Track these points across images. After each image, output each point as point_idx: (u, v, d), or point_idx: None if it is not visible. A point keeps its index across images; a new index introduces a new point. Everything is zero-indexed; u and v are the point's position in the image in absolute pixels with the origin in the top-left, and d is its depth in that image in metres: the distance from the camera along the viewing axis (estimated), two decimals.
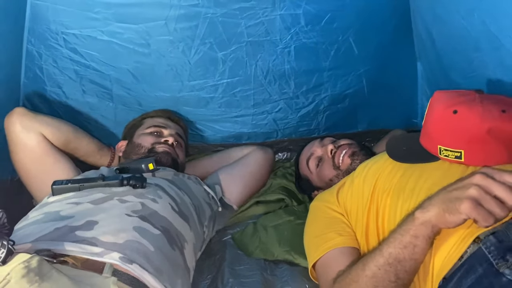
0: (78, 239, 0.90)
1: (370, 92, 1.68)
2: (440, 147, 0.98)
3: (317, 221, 1.19)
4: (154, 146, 1.41)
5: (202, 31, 1.40)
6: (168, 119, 1.54)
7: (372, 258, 0.90)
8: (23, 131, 1.29)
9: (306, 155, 1.52)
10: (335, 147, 1.43)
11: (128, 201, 1.04)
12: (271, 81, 1.56)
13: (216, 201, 1.41)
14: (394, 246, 0.86)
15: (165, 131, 1.47)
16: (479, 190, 0.77)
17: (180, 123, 1.57)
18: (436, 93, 1.04)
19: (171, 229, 1.06)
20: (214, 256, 1.33)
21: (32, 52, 1.44)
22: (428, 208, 0.83)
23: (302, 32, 1.44)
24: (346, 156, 1.38)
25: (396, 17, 1.51)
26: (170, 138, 1.44)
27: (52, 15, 1.36)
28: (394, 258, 0.86)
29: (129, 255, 0.90)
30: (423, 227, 0.83)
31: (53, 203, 1.05)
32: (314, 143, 1.52)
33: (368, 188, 1.10)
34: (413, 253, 0.84)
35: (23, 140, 1.29)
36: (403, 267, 0.86)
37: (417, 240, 0.84)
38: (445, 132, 0.98)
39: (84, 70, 1.48)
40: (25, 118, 1.30)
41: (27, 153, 1.30)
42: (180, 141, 1.49)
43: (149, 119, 1.52)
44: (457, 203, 0.77)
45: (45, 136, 1.31)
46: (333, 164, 1.40)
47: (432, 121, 1.02)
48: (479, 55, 1.17)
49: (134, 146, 1.43)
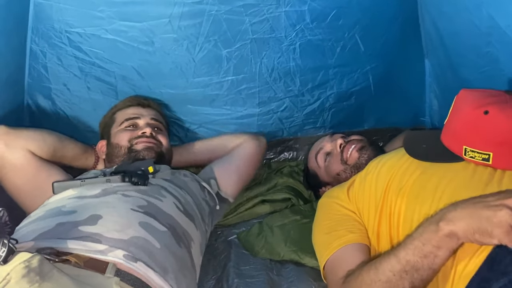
0: (82, 235, 0.88)
1: (377, 90, 1.65)
2: (465, 148, 0.96)
3: (327, 218, 1.17)
4: (132, 144, 1.34)
5: (207, 28, 1.38)
6: (139, 106, 1.46)
7: (387, 263, 0.87)
8: (9, 151, 1.22)
9: (315, 149, 1.51)
10: (345, 142, 1.42)
11: (132, 196, 1.03)
12: (276, 79, 1.54)
13: (213, 196, 1.37)
14: (413, 254, 0.84)
15: (139, 121, 1.40)
16: (511, 214, 0.74)
17: (152, 105, 1.49)
18: (463, 91, 1.01)
19: (177, 227, 1.04)
20: (219, 256, 1.32)
21: (36, 51, 1.43)
22: (454, 222, 0.80)
23: (307, 29, 1.42)
24: (355, 151, 1.37)
25: (403, 14, 1.49)
26: (147, 129, 1.36)
27: (56, 14, 1.35)
28: (411, 266, 0.84)
29: (134, 252, 0.89)
30: (447, 239, 0.81)
31: (54, 201, 1.03)
32: (324, 138, 1.52)
33: (381, 185, 1.07)
34: (433, 263, 0.82)
35: (10, 161, 1.23)
36: (420, 275, 0.83)
37: (439, 251, 0.81)
38: (473, 133, 0.95)
39: (89, 68, 1.47)
40: (8, 137, 1.23)
41: (17, 172, 1.24)
42: (158, 125, 1.43)
43: (120, 113, 1.45)
44: (489, 226, 0.75)
45: (32, 151, 1.26)
46: (341, 159, 1.39)
47: (459, 120, 0.99)
48: (490, 50, 1.15)
49: (113, 147, 1.37)
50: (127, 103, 1.48)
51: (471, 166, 0.96)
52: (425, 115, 1.78)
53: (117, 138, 1.38)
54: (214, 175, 1.46)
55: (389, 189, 1.05)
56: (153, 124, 1.42)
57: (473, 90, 1.03)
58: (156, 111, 1.50)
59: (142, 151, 1.33)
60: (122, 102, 1.49)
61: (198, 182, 1.36)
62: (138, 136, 1.35)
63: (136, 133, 1.37)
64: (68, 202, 0.99)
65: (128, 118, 1.41)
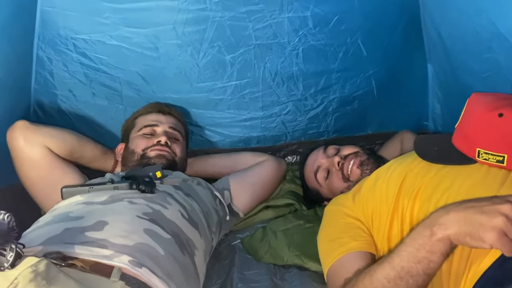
0: (88, 240, 0.90)
1: (380, 94, 1.66)
2: (479, 150, 0.95)
3: (332, 225, 1.17)
4: (145, 152, 1.37)
5: (210, 34, 1.40)
6: (159, 113, 1.48)
7: (381, 271, 0.87)
8: (27, 146, 1.26)
9: (312, 167, 1.49)
10: (342, 159, 1.41)
11: (138, 203, 1.04)
12: (279, 83, 1.56)
13: (224, 207, 1.39)
14: (407, 260, 0.83)
15: (157, 129, 1.43)
16: (506, 222, 0.74)
17: (173, 113, 1.51)
18: (474, 94, 1.02)
19: (181, 235, 1.05)
20: (223, 261, 1.33)
21: (42, 58, 1.45)
22: (447, 226, 0.80)
23: (310, 34, 1.44)
24: (355, 167, 1.37)
25: (405, 19, 1.50)
26: (163, 138, 1.38)
27: (61, 21, 1.37)
28: (406, 272, 0.83)
29: (139, 258, 0.90)
30: (441, 244, 0.80)
31: (62, 206, 1.05)
32: (318, 154, 1.49)
33: (393, 189, 1.07)
34: (427, 268, 0.82)
35: (28, 155, 1.26)
36: (415, 281, 0.83)
37: (433, 256, 0.81)
38: (487, 135, 0.95)
39: (94, 73, 1.49)
40: (28, 132, 1.26)
41: (33, 167, 1.28)
42: (175, 134, 1.45)
43: (141, 118, 1.48)
44: (481, 231, 0.75)
45: (50, 148, 1.29)
46: (342, 177, 1.39)
47: (472, 123, 0.98)
48: (492, 56, 1.16)
49: (129, 152, 1.40)
50: (148, 109, 1.50)
51: (484, 168, 0.96)
52: (428, 119, 1.79)
53: (134, 143, 1.41)
54: (229, 187, 1.47)
55: (401, 193, 1.05)
56: (170, 132, 1.44)
57: (485, 93, 1.03)
58: (177, 119, 1.51)
59: (154, 158, 1.35)
60: (144, 108, 1.51)
61: (210, 190, 1.37)
62: (153, 144, 1.38)
63: (151, 141, 1.39)
64: (76, 208, 1.01)
65: (147, 125, 1.43)
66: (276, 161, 1.63)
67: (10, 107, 1.40)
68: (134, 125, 1.47)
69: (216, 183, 1.48)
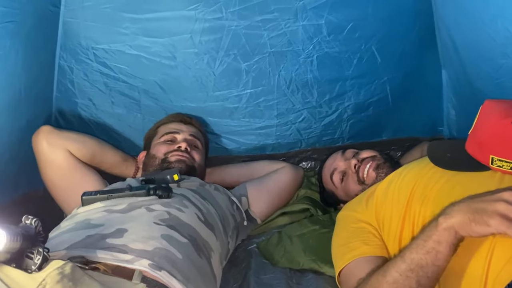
0: (109, 246, 0.93)
1: (395, 100, 1.67)
2: (492, 157, 0.96)
3: (344, 230, 1.19)
4: (166, 156, 1.41)
5: (226, 43, 1.43)
6: (180, 123, 1.53)
7: (393, 264, 0.90)
8: (49, 149, 1.34)
9: (329, 169, 1.51)
10: (359, 161, 1.42)
11: (156, 210, 1.07)
12: (294, 91, 1.58)
13: (241, 212, 1.41)
14: (416, 251, 0.86)
15: (178, 136, 1.47)
16: (507, 206, 0.78)
17: (194, 123, 1.56)
18: (487, 102, 1.02)
19: (197, 238, 1.07)
20: (240, 265, 1.35)
21: (64, 67, 1.50)
22: (452, 215, 0.84)
23: (324, 42, 1.45)
24: (371, 170, 1.38)
25: (419, 25, 1.51)
26: (183, 144, 1.43)
27: (83, 31, 1.42)
28: (416, 264, 0.86)
29: (158, 262, 0.92)
30: (446, 233, 0.84)
31: (83, 213, 1.08)
32: (336, 156, 1.51)
33: (404, 195, 1.08)
34: (436, 259, 0.85)
35: (50, 157, 1.34)
36: (425, 273, 0.86)
37: (440, 246, 0.84)
38: (501, 142, 0.95)
39: (113, 83, 1.53)
40: (51, 136, 1.34)
41: (55, 169, 1.35)
42: (194, 142, 1.49)
43: (162, 127, 1.53)
44: (485, 216, 0.79)
45: (71, 152, 1.36)
46: (357, 179, 1.40)
47: (485, 130, 0.99)
48: (506, 62, 1.16)
49: (150, 157, 1.44)
50: (170, 118, 1.56)
51: (497, 175, 0.97)
52: (443, 125, 1.78)
53: (155, 149, 1.45)
54: (246, 193, 1.50)
55: (413, 198, 1.06)
56: (191, 140, 1.48)
57: (498, 100, 1.03)
58: (197, 129, 1.56)
59: (174, 163, 1.39)
60: (166, 118, 1.56)
61: (228, 196, 1.40)
62: (174, 150, 1.42)
63: (172, 147, 1.43)
64: (96, 216, 1.04)
65: (168, 132, 1.48)
66: (293, 168, 1.65)
67: (34, 114, 1.44)
68: (156, 133, 1.52)
69: (234, 190, 1.51)
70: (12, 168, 1.36)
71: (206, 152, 1.58)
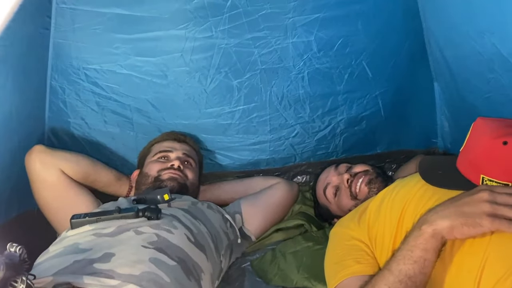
0: (96, 271, 0.92)
1: (387, 114, 1.67)
2: (483, 177, 0.95)
3: (337, 248, 1.18)
4: (159, 174, 1.41)
5: (217, 60, 1.44)
6: (174, 141, 1.53)
7: (381, 278, 0.90)
8: (42, 168, 1.34)
9: (322, 184, 1.50)
10: (351, 176, 1.42)
11: (144, 233, 1.07)
12: (286, 106, 1.58)
13: (235, 230, 1.40)
14: (403, 262, 0.87)
15: (171, 154, 1.47)
16: (491, 205, 0.83)
17: (188, 141, 1.56)
18: (479, 119, 1.01)
19: (187, 260, 1.07)
20: (233, 284, 1.34)
21: (56, 87, 1.50)
22: (437, 222, 0.86)
23: (315, 58, 1.46)
24: (363, 185, 1.37)
25: (409, 39, 1.52)
26: (176, 162, 1.43)
27: (74, 52, 1.43)
28: (404, 275, 0.87)
29: (145, 286, 0.92)
30: (433, 240, 0.86)
31: (72, 237, 1.08)
32: (329, 171, 1.51)
33: (396, 212, 1.08)
34: (423, 267, 0.86)
35: (43, 177, 1.34)
36: (413, 282, 0.87)
37: (427, 254, 0.86)
38: (491, 163, 0.95)
39: (105, 102, 1.53)
40: (44, 155, 1.35)
41: (48, 189, 1.35)
42: (188, 160, 1.49)
43: (156, 145, 1.53)
44: (476, 218, 0.83)
45: (64, 171, 1.36)
46: (350, 194, 1.40)
47: (476, 149, 0.98)
48: (494, 76, 1.16)
49: (143, 176, 1.44)
50: (164, 136, 1.56)
51: None
52: (437, 137, 1.78)
53: (148, 167, 1.45)
54: (240, 210, 1.49)
55: (405, 215, 1.05)
56: (184, 158, 1.48)
57: (490, 119, 1.02)
58: (191, 147, 1.56)
59: (166, 181, 1.39)
60: (160, 136, 1.57)
61: (221, 214, 1.40)
62: (167, 167, 1.42)
63: (165, 165, 1.43)
64: (85, 240, 1.04)
65: (162, 150, 1.48)
66: (288, 184, 1.64)
67: (27, 134, 1.45)
68: (150, 152, 1.52)
69: (228, 207, 1.51)
70: (4, 189, 1.37)
71: (200, 170, 1.58)
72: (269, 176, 1.70)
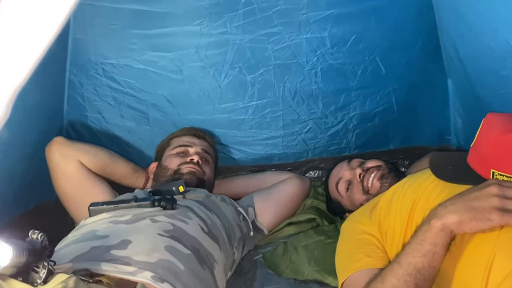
0: (113, 258, 0.95)
1: (401, 110, 1.67)
2: (493, 171, 0.95)
3: (348, 241, 1.19)
4: (179, 168, 1.44)
5: (231, 56, 1.46)
6: (194, 137, 1.56)
7: (390, 270, 0.92)
8: (62, 159, 1.39)
9: (335, 179, 1.51)
10: (364, 171, 1.42)
11: (160, 221, 1.09)
12: (299, 102, 1.60)
13: (248, 223, 1.43)
14: (412, 255, 0.89)
15: (190, 149, 1.50)
16: (500, 199, 0.84)
17: (207, 138, 1.59)
18: (490, 115, 1.02)
19: (201, 249, 1.09)
20: (245, 275, 1.36)
21: (74, 82, 1.54)
22: (446, 216, 0.87)
23: (328, 54, 1.47)
24: (375, 180, 1.37)
25: (423, 36, 1.52)
26: (195, 157, 1.46)
27: (92, 48, 1.47)
28: (413, 268, 0.88)
29: (161, 274, 0.94)
30: (442, 234, 0.87)
31: (89, 224, 1.11)
32: (342, 165, 1.51)
33: (406, 207, 1.08)
34: (432, 261, 0.88)
35: (62, 168, 1.39)
36: (422, 275, 0.88)
37: (437, 248, 0.87)
38: (502, 157, 0.95)
39: (122, 97, 1.57)
40: (64, 147, 1.39)
41: (67, 179, 1.40)
42: (206, 156, 1.52)
43: (176, 139, 1.55)
44: (485, 212, 0.84)
45: (83, 163, 1.40)
46: (362, 189, 1.40)
47: (487, 144, 0.98)
48: (508, 73, 1.16)
49: (162, 168, 1.47)
50: (184, 131, 1.59)
51: None
52: (450, 134, 1.77)
53: (167, 161, 1.48)
54: (253, 203, 1.52)
55: (415, 210, 1.06)
56: (202, 154, 1.51)
57: (500, 114, 1.02)
58: (209, 144, 1.59)
59: (186, 175, 1.42)
60: (180, 131, 1.60)
61: (234, 207, 1.42)
62: (187, 162, 1.45)
63: (185, 159, 1.46)
64: (102, 227, 1.07)
65: (182, 145, 1.51)
66: (300, 178, 1.66)
67: (46, 128, 1.49)
68: (169, 145, 1.55)
69: (241, 200, 1.53)
70: (24, 180, 1.41)
71: (216, 167, 1.60)
72: (281, 171, 1.72)
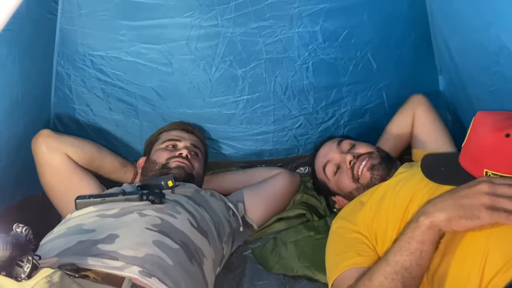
0: (100, 253, 0.93)
1: (392, 106, 1.66)
2: (486, 171, 0.95)
3: (338, 240, 1.19)
4: (168, 162, 1.42)
5: (222, 49, 1.44)
6: (183, 131, 1.55)
7: (378, 268, 0.92)
8: (48, 152, 1.36)
9: (322, 160, 1.44)
10: (354, 157, 1.34)
11: (148, 215, 1.08)
12: (290, 97, 1.58)
13: (238, 219, 1.42)
14: (400, 254, 0.88)
15: (179, 143, 1.49)
16: (490, 197, 0.83)
17: (196, 133, 1.58)
18: (479, 114, 1.01)
19: (190, 244, 1.08)
20: (234, 271, 1.35)
21: (62, 74, 1.51)
22: (434, 214, 0.86)
23: (320, 49, 1.46)
24: (365, 169, 1.31)
25: (415, 32, 1.52)
26: (184, 151, 1.44)
27: (80, 38, 1.43)
28: (401, 266, 0.88)
29: (149, 268, 0.93)
30: (430, 232, 0.86)
31: (76, 218, 1.09)
32: (331, 147, 1.43)
33: (399, 209, 1.08)
34: (420, 259, 0.87)
35: (48, 161, 1.36)
36: (409, 274, 0.88)
37: (424, 246, 0.87)
38: (495, 156, 0.94)
39: (110, 89, 1.54)
40: (50, 140, 1.37)
41: (53, 173, 1.37)
42: (195, 151, 1.50)
43: (165, 133, 1.54)
44: (475, 210, 0.83)
45: (69, 155, 1.38)
46: (352, 176, 1.33)
47: (478, 144, 0.98)
48: (499, 69, 1.16)
49: (150, 162, 1.45)
50: (173, 126, 1.57)
51: None
52: None
53: (156, 155, 1.46)
54: (243, 199, 1.51)
55: (408, 213, 1.06)
56: (191, 148, 1.49)
57: (490, 112, 1.01)
58: (198, 138, 1.57)
59: (174, 169, 1.40)
60: (169, 125, 1.58)
61: (224, 202, 1.41)
62: (175, 156, 1.43)
63: (173, 153, 1.45)
64: (88, 221, 1.05)
65: (171, 139, 1.50)
66: (290, 174, 1.65)
67: (32, 120, 1.46)
68: (158, 139, 1.53)
69: (230, 196, 1.52)
70: (10, 174, 1.38)
71: (205, 162, 1.59)
72: (271, 167, 1.71)
